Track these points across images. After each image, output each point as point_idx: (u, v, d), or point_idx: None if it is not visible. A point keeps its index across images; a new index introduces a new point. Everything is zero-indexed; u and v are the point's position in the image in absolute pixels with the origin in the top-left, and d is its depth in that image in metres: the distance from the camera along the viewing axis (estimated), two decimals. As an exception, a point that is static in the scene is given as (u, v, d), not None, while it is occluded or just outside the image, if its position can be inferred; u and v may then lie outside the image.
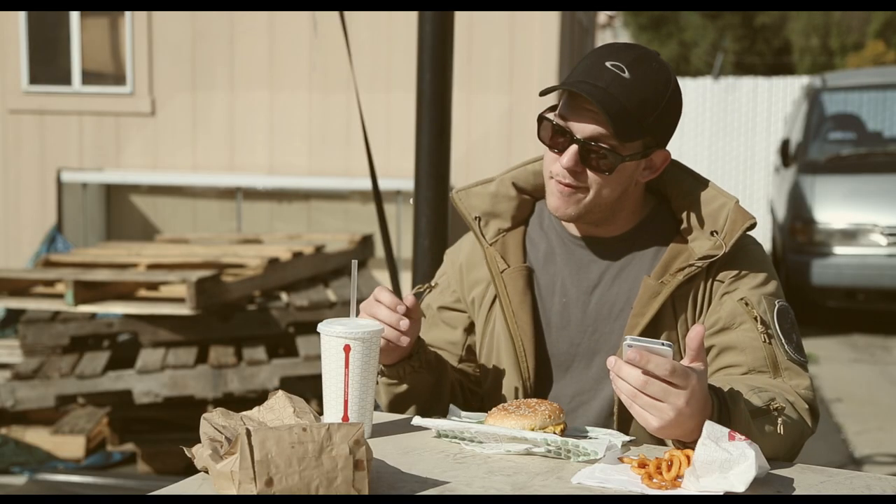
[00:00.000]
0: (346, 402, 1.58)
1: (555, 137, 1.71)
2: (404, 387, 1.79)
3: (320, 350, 1.60)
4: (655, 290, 1.74)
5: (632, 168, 1.72)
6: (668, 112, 1.71)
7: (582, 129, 1.68)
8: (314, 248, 6.15)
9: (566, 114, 1.70)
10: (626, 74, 1.66)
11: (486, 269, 1.87)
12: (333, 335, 1.58)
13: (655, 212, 1.83)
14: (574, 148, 1.68)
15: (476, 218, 1.88)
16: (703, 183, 1.80)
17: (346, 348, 1.57)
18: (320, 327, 1.59)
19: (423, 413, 1.78)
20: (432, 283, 1.93)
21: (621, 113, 1.64)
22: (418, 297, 1.94)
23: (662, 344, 1.42)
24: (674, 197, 1.81)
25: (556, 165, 1.71)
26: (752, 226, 1.73)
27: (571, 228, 1.85)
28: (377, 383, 1.74)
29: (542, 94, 1.73)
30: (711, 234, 1.74)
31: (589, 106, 1.66)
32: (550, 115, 1.73)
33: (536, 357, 1.81)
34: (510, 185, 1.89)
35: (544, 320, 1.83)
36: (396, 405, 1.83)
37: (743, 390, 1.58)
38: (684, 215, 1.78)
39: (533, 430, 1.53)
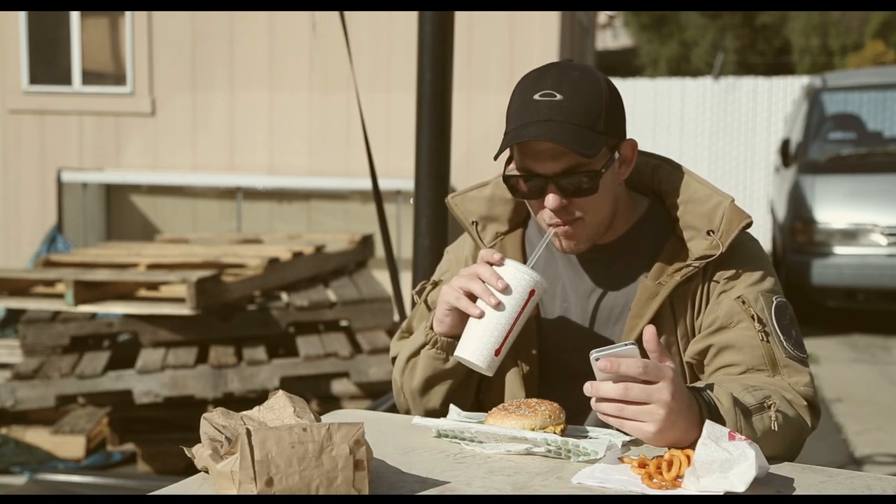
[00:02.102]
0: (506, 337, 1.63)
1: (529, 189, 1.72)
2: (449, 365, 1.77)
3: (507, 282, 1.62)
4: (653, 290, 1.74)
5: (611, 174, 1.73)
6: (613, 106, 1.71)
7: (549, 167, 1.68)
8: (314, 248, 6.14)
9: (526, 162, 1.70)
10: (558, 97, 1.66)
11: None
12: (529, 275, 1.62)
13: (650, 212, 1.83)
14: (552, 188, 1.69)
15: (473, 223, 1.89)
16: (697, 181, 1.79)
17: (532, 292, 1.63)
18: (511, 262, 1.64)
19: (449, 402, 1.78)
20: (435, 280, 1.92)
21: (575, 133, 1.64)
22: (419, 294, 1.94)
23: (625, 344, 1.49)
24: (667, 196, 1.81)
25: (546, 211, 1.72)
26: (748, 225, 1.73)
27: None
28: (420, 355, 1.78)
29: (497, 158, 1.73)
30: (708, 233, 1.74)
31: (543, 145, 1.67)
32: (513, 172, 1.73)
33: (539, 362, 1.81)
34: (506, 188, 1.89)
35: (546, 325, 1.83)
36: (429, 384, 1.80)
37: (736, 389, 1.58)
38: (679, 214, 1.78)
39: (533, 430, 1.53)
